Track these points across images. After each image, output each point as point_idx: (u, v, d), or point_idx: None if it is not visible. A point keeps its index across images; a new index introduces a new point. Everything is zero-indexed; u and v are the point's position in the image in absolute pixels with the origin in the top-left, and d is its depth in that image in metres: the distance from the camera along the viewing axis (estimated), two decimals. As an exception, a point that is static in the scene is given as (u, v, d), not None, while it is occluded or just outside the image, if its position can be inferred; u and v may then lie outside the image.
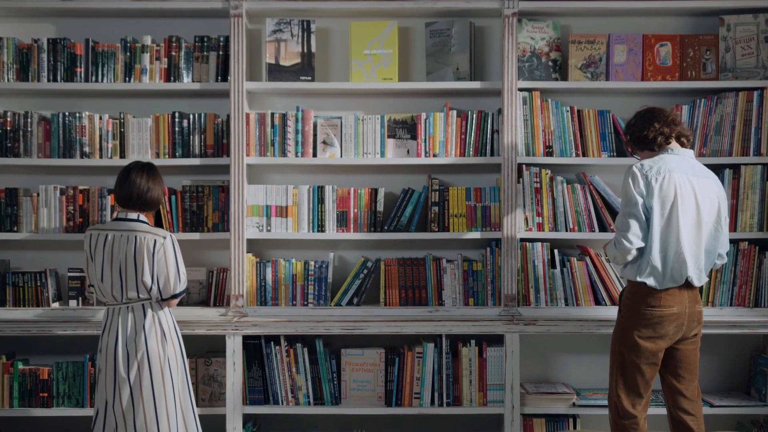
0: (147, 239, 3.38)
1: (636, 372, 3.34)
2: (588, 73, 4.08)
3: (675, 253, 3.28)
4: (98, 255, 3.40)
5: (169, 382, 3.41)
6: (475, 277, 4.06)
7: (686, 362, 3.39)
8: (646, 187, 3.29)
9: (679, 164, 3.34)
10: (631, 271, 3.37)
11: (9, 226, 4.06)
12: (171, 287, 3.40)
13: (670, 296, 3.30)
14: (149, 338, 3.38)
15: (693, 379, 3.42)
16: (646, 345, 3.31)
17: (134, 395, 3.36)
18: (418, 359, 3.97)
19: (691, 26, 4.21)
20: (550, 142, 4.04)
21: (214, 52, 4.06)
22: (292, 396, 4.00)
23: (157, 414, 3.37)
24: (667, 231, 3.29)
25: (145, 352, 3.37)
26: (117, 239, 3.39)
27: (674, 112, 3.49)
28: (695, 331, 3.38)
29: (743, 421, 4.11)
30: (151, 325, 3.39)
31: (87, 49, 4.04)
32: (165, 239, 3.41)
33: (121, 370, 3.36)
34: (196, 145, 4.06)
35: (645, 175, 3.31)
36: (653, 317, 3.30)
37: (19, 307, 4.04)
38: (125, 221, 3.44)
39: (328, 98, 4.24)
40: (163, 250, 3.39)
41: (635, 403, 3.37)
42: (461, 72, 4.07)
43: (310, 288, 4.05)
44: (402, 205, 4.05)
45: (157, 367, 3.38)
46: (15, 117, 4.06)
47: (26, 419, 4.13)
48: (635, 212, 3.30)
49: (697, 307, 3.37)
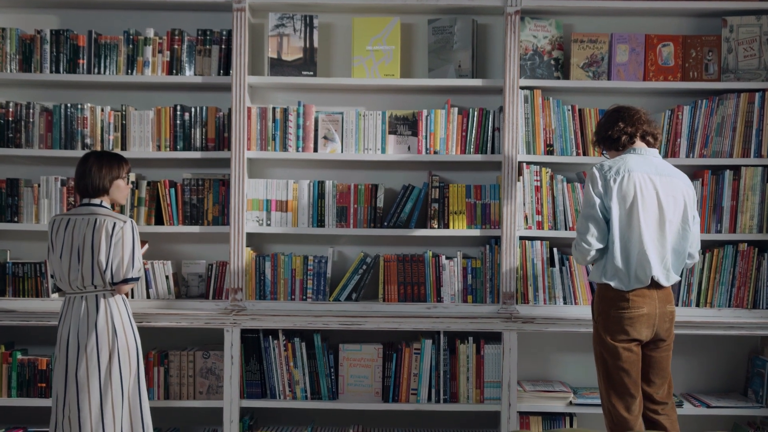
0: (107, 222, 3.41)
1: (622, 374, 3.32)
2: (590, 72, 4.08)
3: (638, 253, 3.26)
4: (59, 239, 3.43)
5: (116, 377, 3.39)
6: (474, 275, 4.06)
7: (658, 368, 3.38)
8: (605, 188, 3.28)
9: (639, 164, 3.31)
10: (596, 273, 3.37)
11: (10, 217, 4.07)
12: (123, 270, 3.41)
13: (638, 297, 3.28)
14: (100, 331, 3.38)
15: (663, 384, 3.41)
16: (624, 346, 3.29)
17: (80, 388, 3.36)
18: (416, 355, 3.98)
19: (693, 27, 4.20)
20: (550, 141, 4.04)
21: (216, 46, 4.06)
22: (289, 390, 4.00)
23: (102, 409, 3.37)
24: (628, 231, 3.28)
25: (95, 346, 3.37)
26: (78, 222, 3.43)
27: (641, 110, 3.44)
28: (668, 332, 3.36)
29: (740, 423, 4.11)
30: (103, 318, 3.39)
31: (90, 41, 4.05)
32: (125, 223, 3.44)
33: (71, 362, 3.37)
34: (198, 138, 4.06)
35: (604, 176, 3.29)
36: (624, 319, 3.28)
37: (18, 298, 4.05)
38: (88, 206, 3.49)
39: (330, 93, 4.24)
40: (122, 233, 3.41)
41: (629, 406, 3.34)
42: (463, 69, 4.07)
43: (309, 283, 4.05)
44: (402, 201, 4.05)
45: (105, 360, 3.38)
46: (17, 108, 4.07)
47: (24, 409, 4.13)
48: (593, 213, 3.29)
49: (668, 307, 3.34)
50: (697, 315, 3.96)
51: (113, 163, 3.54)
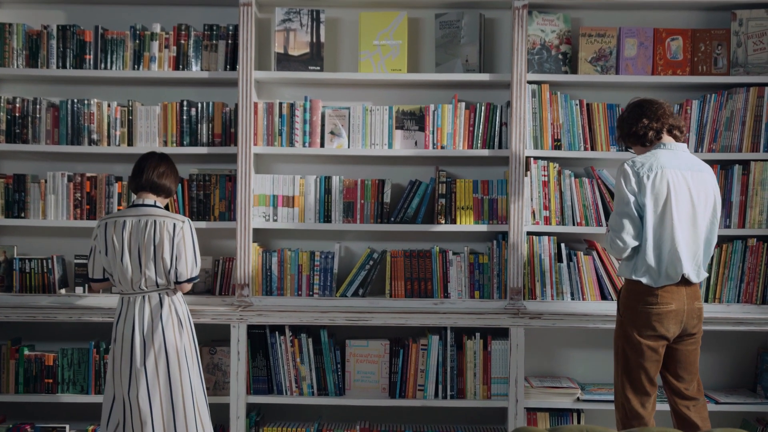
0: (167, 223, 3.41)
1: (640, 371, 3.31)
2: (598, 66, 4.06)
3: (669, 250, 3.24)
4: (116, 241, 3.41)
5: (185, 372, 3.43)
6: (481, 270, 4.05)
7: (686, 362, 3.36)
8: (638, 185, 3.25)
9: (670, 159, 3.29)
10: (626, 269, 3.34)
11: (17, 212, 4.07)
12: (188, 270, 3.43)
13: (667, 293, 3.27)
14: (166, 328, 3.40)
15: (693, 379, 3.39)
16: (648, 343, 3.28)
17: (150, 385, 3.37)
18: (423, 351, 3.97)
19: (702, 21, 4.18)
20: (558, 136, 4.03)
21: (223, 41, 4.05)
22: (296, 386, 4.00)
23: (173, 404, 3.39)
24: (660, 228, 3.26)
25: (163, 342, 3.39)
26: (135, 225, 3.42)
27: (664, 103, 3.40)
28: (696, 328, 3.34)
29: (749, 419, 4.09)
30: (168, 315, 3.42)
31: (96, 37, 4.04)
32: (184, 223, 3.45)
33: (137, 360, 3.38)
34: (204, 133, 4.06)
35: (636, 172, 3.26)
36: (651, 315, 3.26)
37: (25, 293, 4.05)
38: (142, 207, 3.47)
39: (337, 88, 4.23)
40: (182, 234, 3.43)
41: (644, 402, 3.33)
42: (470, 64, 4.05)
43: (316, 278, 4.05)
44: (409, 196, 4.04)
45: (174, 357, 3.41)
46: (24, 103, 4.06)
47: (31, 405, 4.14)
48: (628, 211, 3.26)
49: (696, 303, 3.33)
50: (705, 310, 3.89)
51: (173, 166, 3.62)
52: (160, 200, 3.53)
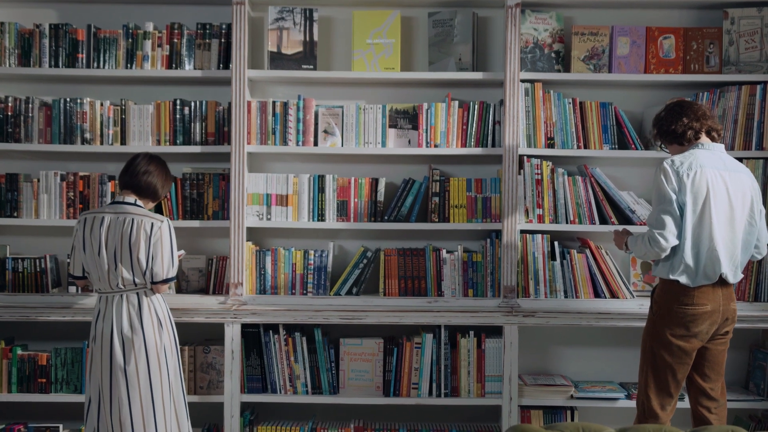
0: (144, 222, 3.39)
1: (668, 371, 3.30)
2: (591, 65, 4.07)
3: (708, 249, 3.23)
4: (94, 237, 3.40)
5: (165, 371, 3.42)
6: (475, 268, 4.05)
7: (714, 362, 3.36)
8: (678, 183, 3.24)
9: (710, 159, 3.28)
10: (664, 269, 3.32)
11: (9, 212, 4.06)
12: (164, 271, 3.40)
13: (703, 294, 3.26)
14: (146, 327, 3.39)
15: (719, 379, 3.39)
16: (680, 344, 3.27)
17: (130, 384, 3.36)
18: (417, 349, 3.97)
19: (694, 19, 4.19)
20: (551, 134, 4.03)
21: (216, 40, 4.05)
22: (290, 385, 4.00)
23: (154, 402, 3.38)
24: (699, 228, 3.25)
25: (143, 343, 3.37)
26: (113, 222, 3.40)
27: (705, 105, 3.42)
28: (727, 328, 3.34)
29: (741, 416, 4.11)
30: (148, 315, 3.40)
31: (89, 35, 4.03)
32: (162, 223, 3.42)
33: (117, 358, 3.36)
34: (197, 132, 4.05)
35: (676, 171, 3.25)
36: (686, 315, 3.25)
37: (18, 293, 4.04)
38: (121, 204, 3.45)
39: (330, 87, 4.23)
40: (160, 233, 3.40)
41: (664, 404, 3.33)
42: (463, 62, 4.06)
43: (310, 277, 4.05)
44: (402, 195, 4.04)
45: (153, 355, 3.39)
46: (16, 102, 4.05)
47: (24, 404, 4.13)
48: (670, 209, 3.24)
49: (731, 304, 3.32)
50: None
51: (170, 177, 3.62)
52: (144, 202, 3.51)
